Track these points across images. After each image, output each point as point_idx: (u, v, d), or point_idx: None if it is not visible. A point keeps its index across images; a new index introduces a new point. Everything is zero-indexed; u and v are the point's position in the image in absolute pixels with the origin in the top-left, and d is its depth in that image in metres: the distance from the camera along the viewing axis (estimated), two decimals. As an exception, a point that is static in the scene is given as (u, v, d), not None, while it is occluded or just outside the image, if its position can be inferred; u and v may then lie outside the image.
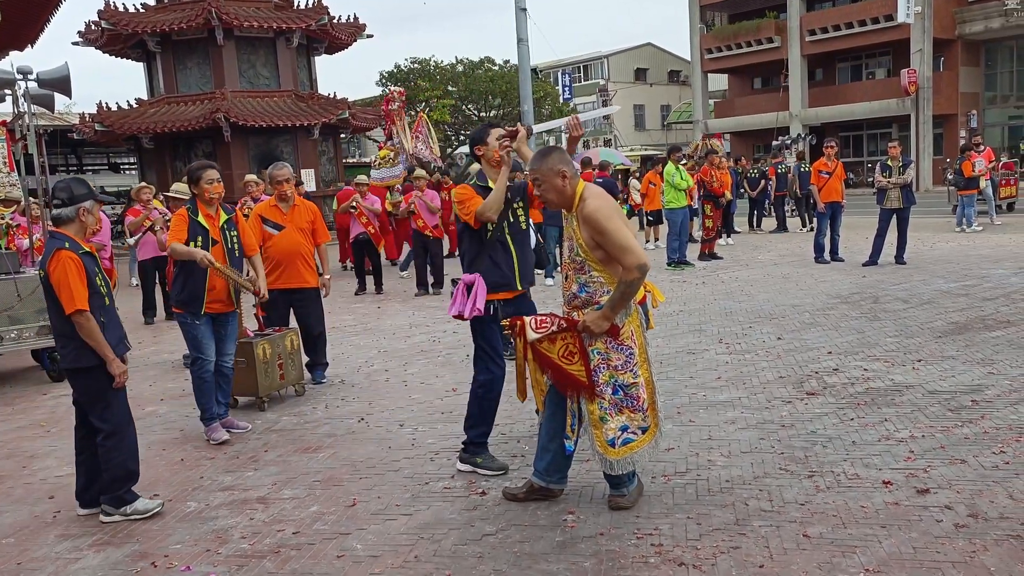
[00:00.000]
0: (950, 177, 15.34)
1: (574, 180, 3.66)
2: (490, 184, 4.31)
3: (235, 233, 5.45)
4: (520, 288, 4.37)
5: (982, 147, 15.60)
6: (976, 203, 15.42)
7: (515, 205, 4.38)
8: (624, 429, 3.66)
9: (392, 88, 13.69)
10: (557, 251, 10.94)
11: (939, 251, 12.42)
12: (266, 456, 4.93)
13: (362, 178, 12.60)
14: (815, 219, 12.79)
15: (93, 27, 22.43)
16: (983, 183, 15.20)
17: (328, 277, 6.78)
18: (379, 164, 12.38)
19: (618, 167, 29.01)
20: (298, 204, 6.50)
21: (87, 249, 4.06)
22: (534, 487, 3.90)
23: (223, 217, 5.39)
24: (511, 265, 4.32)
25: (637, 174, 25.69)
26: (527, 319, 3.76)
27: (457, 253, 15.39)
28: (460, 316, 4.18)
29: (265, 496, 4.26)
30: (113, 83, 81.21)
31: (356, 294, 11.72)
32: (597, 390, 3.65)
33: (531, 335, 3.68)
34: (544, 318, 3.71)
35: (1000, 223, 15.51)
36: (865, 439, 4.48)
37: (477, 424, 4.39)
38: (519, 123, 4.58)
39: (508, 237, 4.31)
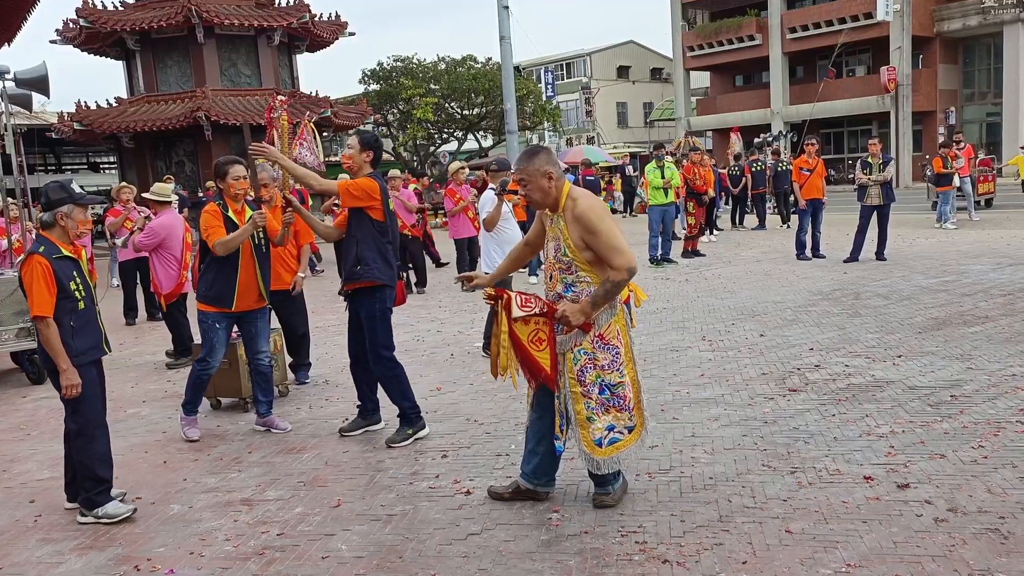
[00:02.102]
0: (928, 174, 15.49)
1: (560, 181, 3.66)
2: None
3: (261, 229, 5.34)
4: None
5: (962, 144, 15.75)
6: (956, 199, 15.59)
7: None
8: (611, 429, 3.68)
9: (277, 96, 14.20)
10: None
11: (919, 247, 12.54)
12: (250, 457, 4.91)
13: (395, 171, 12.53)
14: (796, 216, 12.89)
15: (71, 25, 22.20)
16: (956, 180, 15.37)
17: (302, 276, 6.64)
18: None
19: (602, 165, 29.12)
20: (277, 205, 6.27)
21: (67, 253, 4.02)
22: (520, 488, 3.91)
23: (247, 213, 5.31)
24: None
25: (607, 177, 25.81)
26: (514, 294, 3.70)
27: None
28: None
29: (249, 498, 4.24)
30: (92, 81, 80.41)
31: (340, 293, 11.64)
32: (583, 390, 3.66)
33: (516, 312, 3.64)
34: (529, 297, 3.69)
35: (978, 219, 15.69)
36: (846, 435, 4.53)
37: (405, 397, 4.98)
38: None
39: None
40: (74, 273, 4.03)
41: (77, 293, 4.02)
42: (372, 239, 4.88)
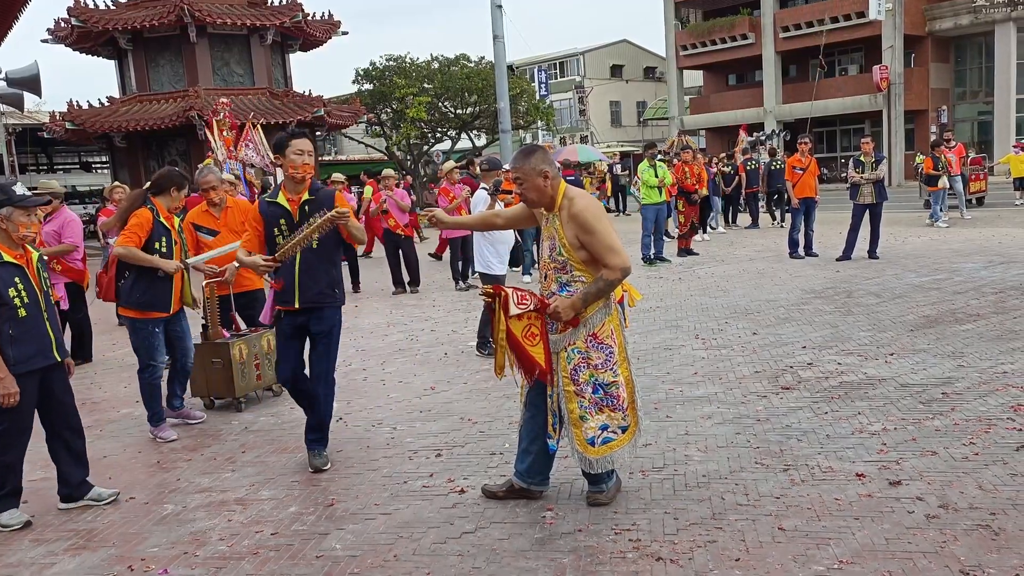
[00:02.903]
0: (921, 173, 15.57)
1: (556, 180, 3.66)
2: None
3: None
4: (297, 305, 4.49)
5: (953, 143, 15.81)
6: (948, 197, 15.67)
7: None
8: (604, 428, 3.68)
9: (219, 100, 14.87)
10: (535, 248, 10.97)
11: (911, 245, 12.59)
12: (244, 457, 4.90)
13: (389, 171, 12.67)
14: (788, 214, 12.93)
15: (63, 24, 22.11)
16: (943, 181, 15.46)
17: (235, 267, 6.09)
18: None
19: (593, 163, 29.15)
20: (231, 206, 6.22)
21: (8, 259, 3.94)
22: (514, 487, 3.92)
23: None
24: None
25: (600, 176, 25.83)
26: (510, 291, 3.69)
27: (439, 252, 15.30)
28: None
29: (243, 497, 4.24)
30: (84, 81, 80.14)
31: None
32: (576, 389, 3.66)
33: (513, 309, 3.64)
34: (525, 294, 3.69)
35: (970, 218, 15.75)
36: (839, 432, 4.55)
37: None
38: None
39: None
40: (16, 280, 3.94)
41: (17, 300, 3.92)
42: (339, 262, 4.73)
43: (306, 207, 4.43)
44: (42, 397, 4.12)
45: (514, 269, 8.12)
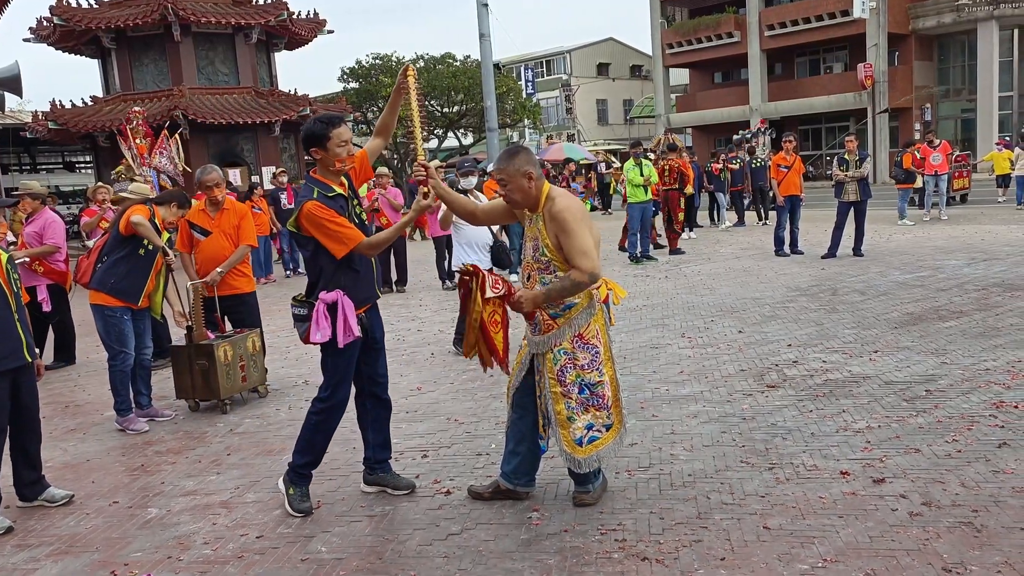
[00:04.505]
0: (897, 171, 15.62)
1: (540, 181, 3.66)
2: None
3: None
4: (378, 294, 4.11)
5: (936, 142, 15.89)
6: (932, 195, 15.79)
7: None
8: (589, 427, 3.69)
9: (133, 109, 15.53)
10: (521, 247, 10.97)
11: (895, 243, 12.67)
12: (229, 459, 4.88)
13: (383, 169, 12.88)
14: (773, 212, 12.99)
15: (45, 23, 21.90)
16: (919, 180, 15.59)
17: (219, 271, 6.05)
18: (119, 177, 14.23)
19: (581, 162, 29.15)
20: (227, 208, 6.18)
21: None
22: (500, 488, 3.91)
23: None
24: (371, 272, 3.99)
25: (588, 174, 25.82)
26: (486, 274, 3.66)
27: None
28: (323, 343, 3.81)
29: (228, 500, 4.21)
30: (67, 80, 79.47)
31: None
32: (563, 390, 3.66)
33: (488, 292, 3.62)
34: (498, 279, 3.69)
35: (946, 217, 15.80)
36: (824, 430, 4.57)
37: (304, 451, 3.99)
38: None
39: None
40: None
41: None
42: None
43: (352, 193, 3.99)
44: (8, 398, 4.12)
45: (499, 270, 8.09)
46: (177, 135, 14.83)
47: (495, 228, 7.19)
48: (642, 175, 12.25)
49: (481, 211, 4.10)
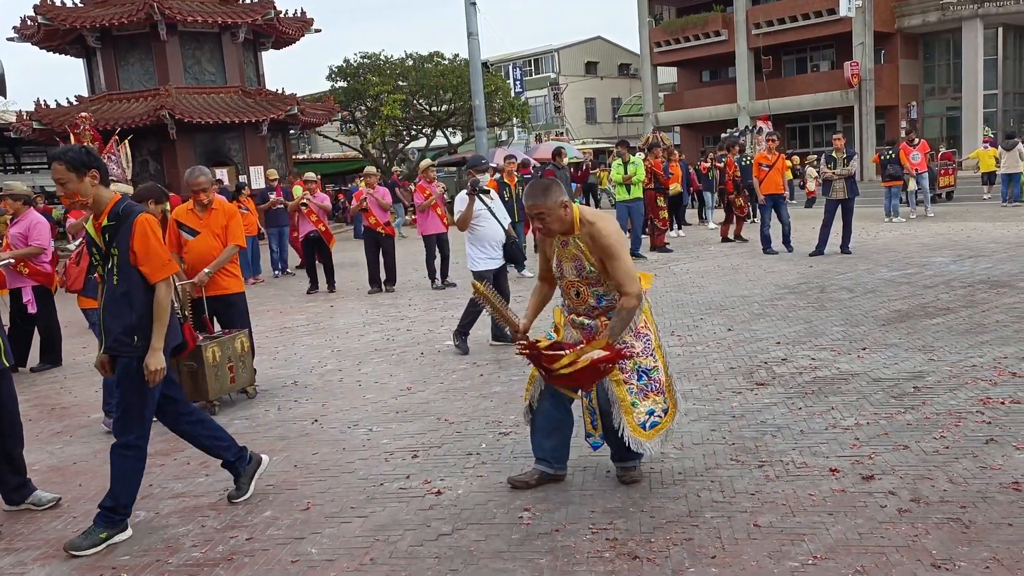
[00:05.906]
0: (886, 164, 15.72)
1: (571, 206, 3.84)
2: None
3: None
4: None
5: (916, 140, 16.00)
6: (914, 193, 15.90)
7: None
8: (651, 413, 3.86)
9: (80, 114, 15.81)
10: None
11: (882, 240, 12.74)
12: (217, 461, 4.83)
13: (310, 175, 12.73)
14: (759, 211, 13.04)
15: (29, 22, 21.75)
16: (911, 183, 15.69)
17: (207, 272, 6.00)
18: None
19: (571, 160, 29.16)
20: (216, 208, 6.12)
21: None
22: (543, 476, 4.04)
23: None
24: None
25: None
26: (544, 348, 3.86)
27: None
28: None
29: (217, 502, 4.19)
30: (52, 80, 78.88)
31: (308, 293, 11.59)
32: (624, 377, 3.82)
33: (556, 366, 3.75)
34: (556, 354, 3.79)
35: (932, 215, 15.92)
36: (813, 428, 4.59)
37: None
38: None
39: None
40: None
41: None
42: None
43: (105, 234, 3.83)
44: None
45: (510, 266, 8.10)
46: (127, 142, 14.84)
47: (507, 225, 7.22)
48: (624, 173, 12.27)
49: (546, 275, 4.17)
